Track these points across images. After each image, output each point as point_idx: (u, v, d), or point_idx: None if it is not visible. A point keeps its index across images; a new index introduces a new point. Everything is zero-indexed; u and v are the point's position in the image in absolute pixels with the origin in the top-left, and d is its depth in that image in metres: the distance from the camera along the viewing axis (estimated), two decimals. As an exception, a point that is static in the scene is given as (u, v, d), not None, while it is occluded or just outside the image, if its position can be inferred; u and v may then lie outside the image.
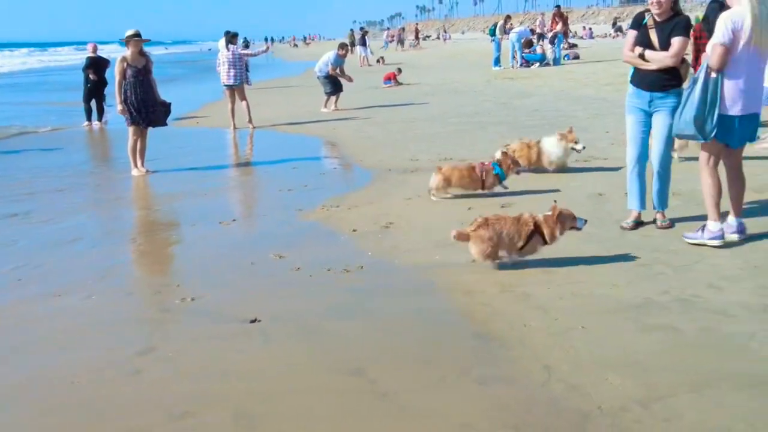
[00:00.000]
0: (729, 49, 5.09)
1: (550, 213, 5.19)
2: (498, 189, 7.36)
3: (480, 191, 7.33)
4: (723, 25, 5.10)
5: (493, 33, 26.69)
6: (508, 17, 28.93)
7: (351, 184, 8.84)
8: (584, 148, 8.11)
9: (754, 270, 4.89)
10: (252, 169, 10.25)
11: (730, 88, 5.16)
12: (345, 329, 4.39)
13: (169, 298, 5.12)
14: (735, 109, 5.19)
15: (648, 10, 5.65)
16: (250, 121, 13.82)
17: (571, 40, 34.95)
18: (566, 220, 5.20)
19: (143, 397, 3.70)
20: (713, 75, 5.18)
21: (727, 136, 5.29)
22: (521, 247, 5.16)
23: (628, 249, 5.46)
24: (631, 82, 5.79)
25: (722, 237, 5.34)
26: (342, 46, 16.26)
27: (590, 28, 53.47)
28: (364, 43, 35.59)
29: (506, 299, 4.70)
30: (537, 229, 5.14)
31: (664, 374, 3.61)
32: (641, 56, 5.56)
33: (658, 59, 5.50)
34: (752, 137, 5.45)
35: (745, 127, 5.28)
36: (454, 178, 7.27)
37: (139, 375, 3.93)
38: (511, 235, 5.12)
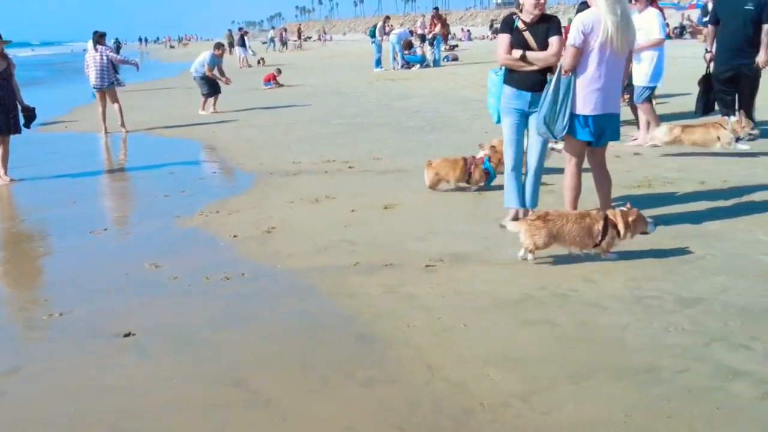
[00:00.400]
0: (580, 50, 5.28)
1: (624, 209, 5.14)
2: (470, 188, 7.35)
3: (465, 185, 7.33)
4: (574, 27, 5.30)
5: (373, 35, 26.89)
6: (387, 18, 29.20)
7: (231, 188, 8.66)
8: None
9: (626, 263, 5.09)
10: (126, 175, 9.83)
11: (582, 88, 5.35)
12: (224, 339, 4.26)
13: (35, 314, 4.84)
14: (587, 109, 5.37)
15: (515, 13, 5.77)
16: (122, 124, 13.27)
17: (452, 42, 35.81)
18: (641, 224, 5.15)
19: (7, 420, 3.46)
20: (564, 76, 5.36)
21: (582, 135, 5.46)
22: (598, 242, 5.08)
23: (507, 246, 5.57)
24: (508, 84, 5.82)
25: None
26: (218, 45, 15.87)
27: (468, 30, 54.75)
28: (243, 44, 35.01)
29: (390, 300, 4.69)
30: (610, 224, 5.07)
31: (543, 368, 3.69)
32: (522, 58, 5.62)
33: (541, 59, 5.61)
34: (614, 137, 5.62)
35: (600, 126, 5.43)
36: (443, 171, 7.28)
37: (2, 397, 3.67)
38: (574, 232, 5.04)
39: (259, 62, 32.92)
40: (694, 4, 47.13)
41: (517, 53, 5.64)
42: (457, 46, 35.42)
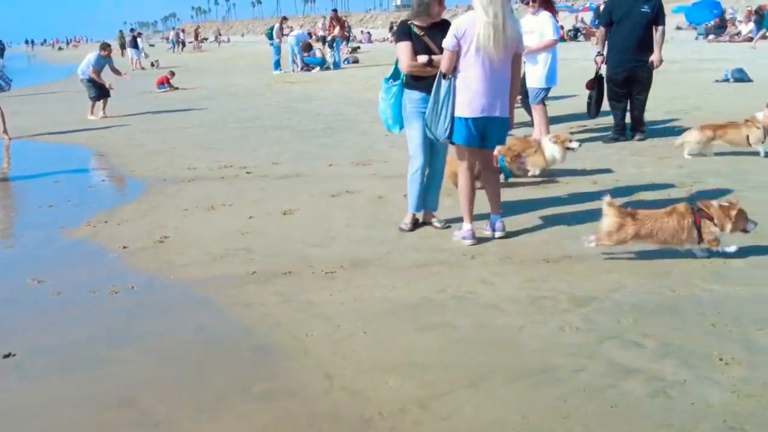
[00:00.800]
0: (454, 53, 5.29)
1: (726, 205, 4.98)
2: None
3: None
4: (450, 31, 5.32)
5: (270, 36, 26.57)
6: (285, 19, 28.84)
7: (122, 196, 8.31)
8: (580, 145, 7.76)
9: (521, 264, 5.16)
10: (8, 185, 9.27)
11: (460, 91, 5.37)
12: (113, 357, 4.05)
13: None
14: (466, 112, 5.38)
15: (409, 20, 5.74)
16: (5, 131, 12.52)
17: (353, 44, 35.89)
18: (742, 220, 4.98)
19: None
20: (444, 79, 5.39)
21: (462, 138, 5.46)
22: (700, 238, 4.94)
23: (407, 250, 5.57)
24: (414, 89, 5.73)
25: (471, 237, 5.56)
26: (104, 46, 15.16)
27: (369, 32, 54.88)
28: (135, 46, 33.96)
29: (288, 309, 4.58)
30: (704, 217, 4.91)
31: (442, 372, 3.67)
32: (429, 63, 5.59)
33: None
34: (501, 140, 5.65)
35: (482, 129, 5.41)
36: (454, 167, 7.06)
37: None
38: (658, 229, 4.92)
39: (152, 64, 31.99)
40: (587, 6, 49.00)
41: (423, 59, 5.59)
42: (359, 48, 35.53)
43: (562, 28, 40.31)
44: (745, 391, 3.30)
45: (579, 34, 38.00)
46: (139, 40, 35.12)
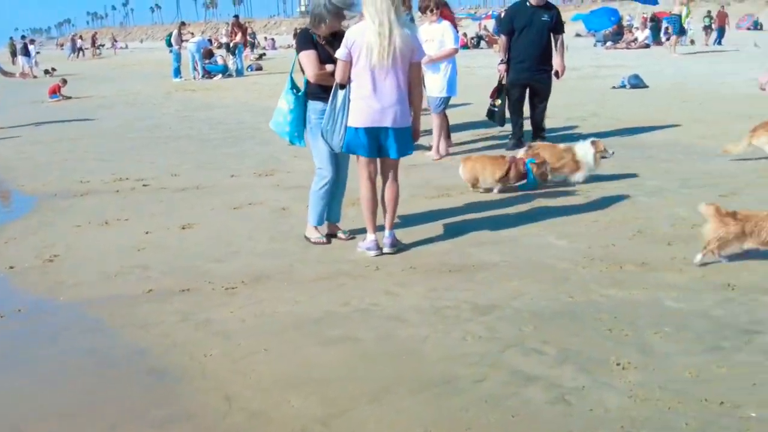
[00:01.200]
0: (347, 63, 5.28)
1: None
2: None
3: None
4: (342, 41, 5.31)
5: (169, 43, 25.90)
6: (183, 24, 28.17)
7: (8, 213, 7.89)
8: (613, 153, 7.75)
9: (425, 274, 5.16)
10: None
11: (353, 101, 5.35)
12: (-4, 386, 3.80)
13: None
14: (358, 121, 5.36)
15: (308, 29, 5.68)
16: None
17: (259, 51, 35.52)
18: None
19: None
20: (341, 89, 5.38)
21: (355, 148, 5.43)
22: None
23: (311, 262, 5.48)
24: (320, 100, 5.61)
25: (375, 248, 5.52)
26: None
27: (273, 39, 54.28)
28: (27, 53, 32.48)
29: (186, 328, 4.42)
30: None
31: (345, 387, 3.61)
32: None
33: None
34: (400, 151, 5.49)
35: (375, 139, 5.36)
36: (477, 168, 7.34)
37: None
38: (760, 229, 4.84)
39: (47, 72, 30.65)
40: (489, 14, 50.18)
41: (331, 68, 5.51)
42: (265, 54, 35.17)
43: (465, 35, 41.42)
44: (641, 395, 3.38)
45: (482, 41, 38.91)
46: (30, 47, 33.60)
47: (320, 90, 5.61)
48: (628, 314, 4.30)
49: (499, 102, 9.68)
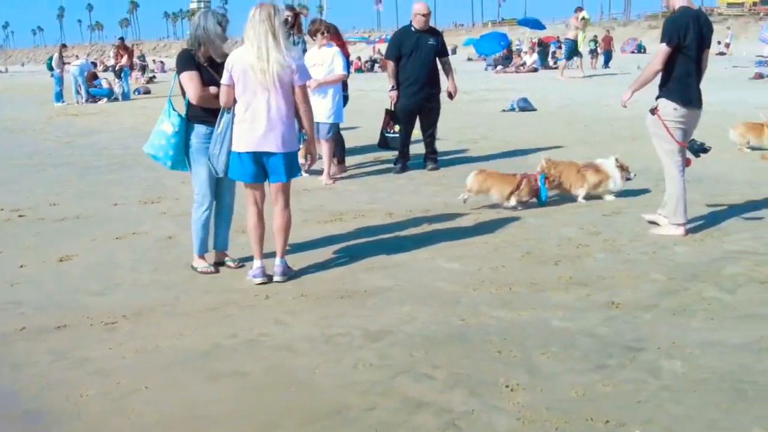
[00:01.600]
0: (230, 87, 5.21)
1: None
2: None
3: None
4: (225, 65, 5.24)
5: (50, 66, 24.82)
6: (64, 47, 26.97)
7: None
8: (635, 176, 7.78)
9: (317, 301, 5.06)
10: None
11: (236, 125, 5.28)
12: None
13: None
14: (241, 146, 5.27)
15: (190, 50, 5.54)
16: None
17: (149, 74, 34.63)
18: None
19: None
20: (226, 113, 5.31)
21: (239, 174, 5.33)
22: None
23: (198, 293, 5.29)
24: (202, 123, 5.51)
25: (260, 275, 5.38)
26: None
27: (162, 61, 53.05)
28: None
29: (61, 367, 4.15)
30: None
31: (231, 423, 3.47)
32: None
33: None
34: (288, 175, 5.35)
35: (257, 164, 5.26)
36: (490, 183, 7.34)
37: None
38: None
39: None
40: (383, 38, 50.87)
41: (215, 90, 5.40)
42: (155, 77, 34.32)
43: (359, 59, 41.84)
44: (529, 416, 3.39)
45: (376, 65, 39.40)
46: None
47: (203, 113, 5.49)
48: (517, 335, 4.34)
49: (397, 128, 9.67)
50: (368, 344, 4.29)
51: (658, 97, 6.23)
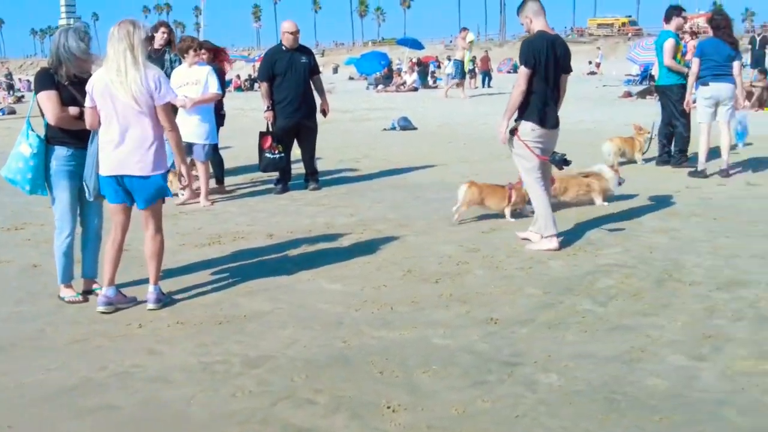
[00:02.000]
0: (94, 110, 5.03)
1: None
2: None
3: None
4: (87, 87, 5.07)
5: None
6: None
7: None
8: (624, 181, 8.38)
9: (194, 328, 4.87)
10: None
11: (100, 148, 5.09)
12: None
13: None
14: (103, 169, 5.09)
15: (49, 69, 5.28)
16: None
17: (18, 93, 32.97)
18: None
19: None
20: (96, 135, 5.14)
21: (108, 196, 5.17)
22: None
23: (64, 324, 4.99)
24: (61, 144, 5.26)
25: (102, 303, 5.15)
26: None
27: (29, 80, 50.62)
28: None
29: None
30: None
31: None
32: (81, 116, 5.14)
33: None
34: (148, 201, 5.11)
35: (119, 188, 5.08)
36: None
37: None
38: None
39: None
40: (261, 56, 50.59)
41: (75, 111, 5.17)
42: (23, 97, 32.63)
43: (239, 77, 41.25)
44: (411, 437, 3.38)
45: (255, 83, 39.00)
46: None
47: (62, 134, 5.24)
48: (399, 354, 4.33)
49: (281, 147, 9.45)
50: (248, 371, 4.17)
51: (517, 119, 6.48)
